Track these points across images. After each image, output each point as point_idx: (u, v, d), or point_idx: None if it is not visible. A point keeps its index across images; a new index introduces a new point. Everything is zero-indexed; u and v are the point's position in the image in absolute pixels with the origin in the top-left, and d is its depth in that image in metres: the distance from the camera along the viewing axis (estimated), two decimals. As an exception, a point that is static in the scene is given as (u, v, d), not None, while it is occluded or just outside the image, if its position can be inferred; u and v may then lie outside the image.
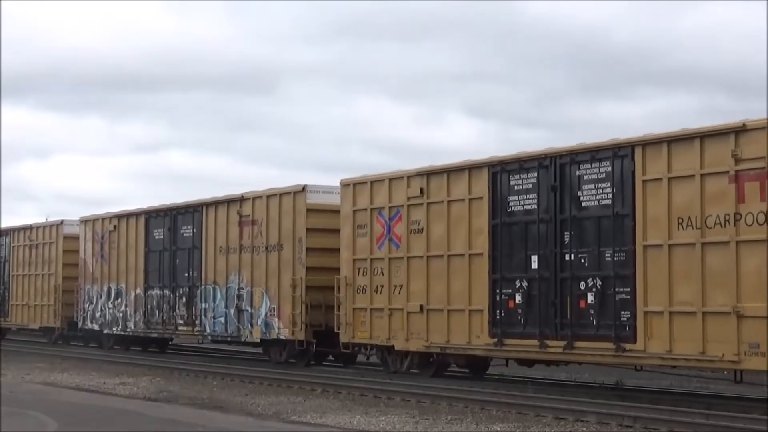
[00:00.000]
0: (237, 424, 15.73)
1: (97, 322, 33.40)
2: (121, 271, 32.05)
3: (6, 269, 39.57)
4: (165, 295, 29.96)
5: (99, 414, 17.08)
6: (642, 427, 15.12)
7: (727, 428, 14.55)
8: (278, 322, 25.54)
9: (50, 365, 27.97)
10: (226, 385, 22.53)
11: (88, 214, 34.41)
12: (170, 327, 29.70)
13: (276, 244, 25.71)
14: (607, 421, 15.60)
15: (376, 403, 18.74)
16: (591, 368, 21.95)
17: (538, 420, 16.11)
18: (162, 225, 30.27)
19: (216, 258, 27.84)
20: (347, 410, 17.43)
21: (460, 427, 15.38)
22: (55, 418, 15.81)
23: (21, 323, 38.55)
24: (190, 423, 15.73)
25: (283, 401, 18.93)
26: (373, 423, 15.81)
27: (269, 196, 26.13)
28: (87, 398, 19.59)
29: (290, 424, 15.71)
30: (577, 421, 15.86)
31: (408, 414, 16.87)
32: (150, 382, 23.20)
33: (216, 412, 17.22)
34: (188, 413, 17.03)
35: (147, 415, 16.67)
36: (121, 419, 16.35)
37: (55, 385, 22.49)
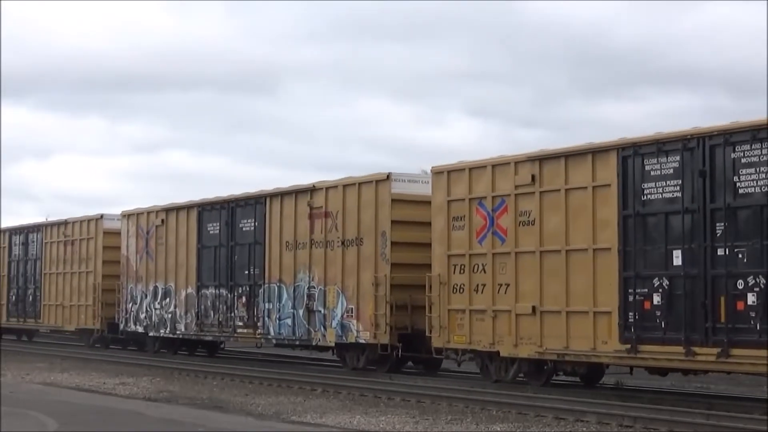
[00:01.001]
0: (237, 424, 15.74)
1: (141, 324, 31.04)
2: (170, 268, 29.70)
3: (37, 267, 37.21)
4: (221, 294, 27.60)
5: (99, 414, 17.07)
6: (642, 427, 15.03)
7: (727, 428, 14.48)
8: (357, 324, 23.19)
9: (50, 365, 27.84)
10: (226, 385, 22.42)
11: (131, 208, 32.09)
12: (227, 329, 27.34)
13: (354, 238, 23.36)
14: (607, 421, 15.57)
15: (376, 403, 18.67)
16: None
17: (538, 420, 16.07)
18: (217, 218, 27.91)
19: (282, 254, 25.48)
20: (347, 410, 17.40)
21: (460, 427, 15.33)
22: (55, 418, 15.77)
23: (54, 325, 36.19)
24: (190, 423, 15.74)
25: (283, 401, 18.86)
26: (373, 423, 15.77)
27: (346, 185, 23.76)
28: (87, 398, 19.52)
29: (290, 424, 15.69)
30: (577, 421, 15.81)
31: (408, 414, 16.85)
32: (150, 382, 23.12)
33: (216, 412, 17.25)
34: (188, 413, 17.06)
35: (147, 415, 16.68)
36: (121, 419, 16.38)
37: (55, 385, 22.40)
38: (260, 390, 21.31)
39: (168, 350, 30.89)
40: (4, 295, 39.37)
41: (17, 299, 38.53)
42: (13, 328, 40.08)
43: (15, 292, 38.69)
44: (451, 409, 17.57)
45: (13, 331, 41.46)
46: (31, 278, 37.58)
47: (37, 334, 42.17)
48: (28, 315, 37.73)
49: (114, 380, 23.36)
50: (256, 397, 19.68)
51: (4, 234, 39.75)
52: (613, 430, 15.20)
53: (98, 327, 33.38)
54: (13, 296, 38.82)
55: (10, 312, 39.02)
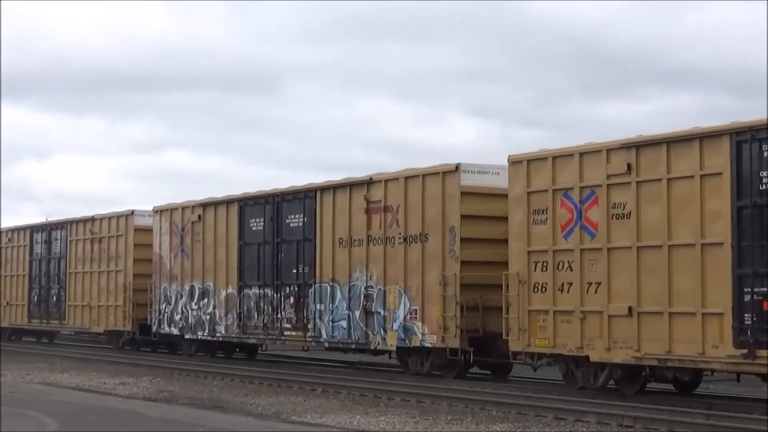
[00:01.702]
0: (237, 424, 15.73)
1: (176, 326, 29.36)
2: (208, 267, 28.02)
3: (62, 266, 35.51)
4: (266, 295, 25.93)
5: (99, 414, 17.07)
6: (642, 427, 15.03)
7: (727, 428, 14.45)
8: (422, 326, 21.52)
9: (50, 365, 27.75)
10: (226, 385, 22.39)
11: (164, 203, 30.39)
12: (273, 332, 25.66)
13: (419, 234, 21.68)
14: (607, 421, 15.56)
15: (376, 403, 18.66)
16: None
17: (538, 420, 16.07)
18: (261, 214, 26.22)
19: (335, 251, 23.82)
20: (347, 410, 17.38)
21: (460, 427, 15.32)
22: (55, 418, 15.75)
23: (80, 326, 34.52)
24: (190, 423, 15.71)
25: (283, 401, 18.86)
26: (373, 423, 15.75)
27: (408, 177, 22.09)
28: (87, 398, 19.51)
29: (290, 424, 15.69)
30: (577, 421, 15.81)
31: (408, 414, 16.83)
32: (150, 382, 23.08)
33: (216, 412, 17.24)
34: (188, 413, 17.05)
35: (147, 415, 16.65)
36: (121, 419, 16.35)
37: (55, 385, 22.39)
38: (260, 390, 21.16)
39: (205, 353, 29.20)
40: (26, 295, 37.68)
41: (39, 300, 36.83)
42: (35, 329, 38.41)
43: (37, 292, 37.00)
44: (451, 409, 17.46)
45: (35, 333, 39.84)
46: (55, 278, 35.88)
47: (58, 336, 40.59)
48: (52, 316, 36.02)
49: (114, 380, 23.20)
50: (256, 397, 19.53)
51: (24, 232, 38.07)
52: (613, 430, 15.08)
53: (129, 329, 31.68)
54: (35, 296, 37.13)
55: (32, 313, 37.33)
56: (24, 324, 37.96)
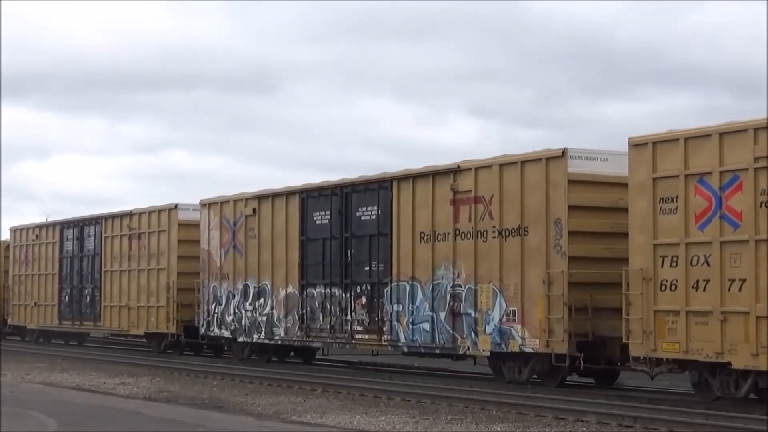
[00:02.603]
0: (237, 424, 15.74)
1: (227, 328, 27.20)
2: (265, 265, 25.87)
3: (96, 264, 33.35)
4: (333, 294, 23.78)
5: (99, 414, 17.08)
6: (642, 427, 15.01)
7: (727, 428, 14.44)
8: (522, 330, 19.37)
9: (50, 365, 27.67)
10: (226, 385, 22.38)
11: (213, 196, 28.24)
12: (342, 335, 23.50)
13: (517, 227, 19.55)
14: (607, 421, 15.52)
15: (376, 403, 18.64)
16: None
17: (538, 420, 16.05)
18: (327, 206, 24.08)
19: (415, 247, 21.67)
20: (347, 410, 17.37)
21: (460, 427, 15.35)
22: (55, 418, 15.74)
23: (117, 328, 32.34)
24: (190, 423, 15.73)
25: (283, 401, 18.88)
26: (373, 423, 15.76)
27: (504, 165, 19.95)
28: (87, 398, 19.53)
29: (290, 424, 15.70)
30: (577, 421, 15.77)
31: (408, 414, 16.81)
32: (150, 382, 23.07)
33: (216, 412, 17.23)
34: (188, 413, 17.03)
35: (147, 415, 16.65)
36: (121, 419, 16.37)
37: (55, 385, 22.35)
38: (260, 390, 21.18)
39: (260, 357, 27.02)
40: (55, 295, 35.51)
41: (71, 300, 34.65)
42: (66, 331, 36.25)
43: (68, 292, 34.82)
44: (451, 409, 17.44)
45: (64, 336, 37.69)
46: (88, 276, 33.71)
47: (88, 338, 38.47)
48: (85, 317, 33.84)
49: (114, 380, 23.21)
50: (256, 397, 19.57)
51: (54, 228, 35.91)
52: (613, 430, 15.09)
53: (174, 331, 29.51)
54: (66, 297, 34.95)
55: (63, 314, 35.14)
56: (54, 326, 35.79)
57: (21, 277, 37.89)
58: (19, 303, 38.07)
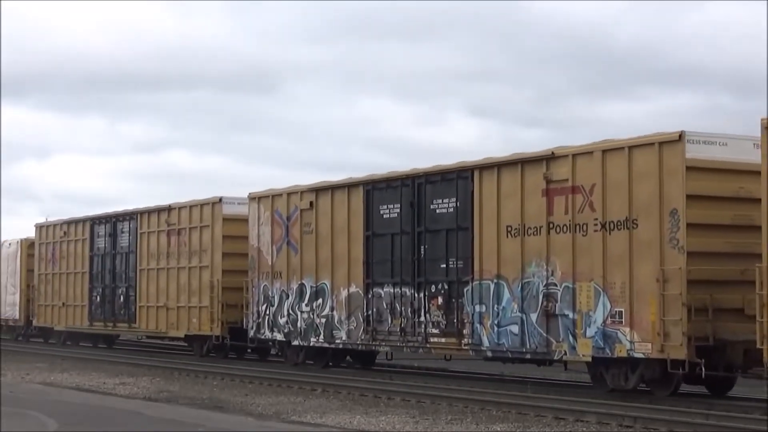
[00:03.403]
0: (237, 424, 15.72)
1: (281, 330, 25.31)
2: (323, 262, 23.99)
3: (130, 262, 31.47)
4: (403, 294, 21.90)
5: (99, 414, 17.08)
6: (642, 427, 14.96)
7: (727, 428, 14.37)
8: (630, 333, 17.49)
9: (50, 365, 27.59)
10: (226, 385, 22.34)
11: (263, 189, 26.36)
12: (415, 338, 21.63)
13: (624, 219, 17.67)
14: (607, 421, 15.48)
15: (376, 403, 18.59)
16: None
17: (538, 420, 16.00)
18: (395, 198, 22.21)
19: (501, 242, 19.81)
20: (347, 410, 17.34)
21: (460, 427, 15.33)
22: (55, 418, 15.74)
23: (154, 330, 30.47)
24: (190, 423, 15.71)
25: (283, 401, 18.86)
26: (373, 423, 15.74)
27: (607, 150, 18.07)
28: (87, 398, 19.51)
29: (290, 424, 15.69)
30: (577, 421, 15.73)
31: (408, 414, 16.77)
32: (150, 382, 23.02)
33: (216, 412, 17.21)
34: (188, 413, 17.01)
35: (147, 415, 16.63)
36: (121, 419, 16.36)
37: (55, 385, 22.33)
38: (260, 390, 21.17)
39: (316, 362, 25.14)
40: (86, 295, 33.63)
41: (103, 300, 32.77)
42: (98, 333, 34.38)
43: (100, 291, 32.94)
44: (451, 409, 17.42)
45: (94, 338, 35.81)
46: (122, 275, 31.82)
47: (118, 341, 36.63)
48: (119, 318, 31.96)
49: (114, 380, 23.18)
50: (256, 397, 19.57)
51: (83, 224, 34.03)
52: (613, 430, 15.08)
53: (218, 333, 27.62)
54: (98, 297, 33.08)
55: (94, 315, 33.26)
56: (84, 327, 33.91)
57: (47, 276, 36.02)
58: (45, 303, 36.21)
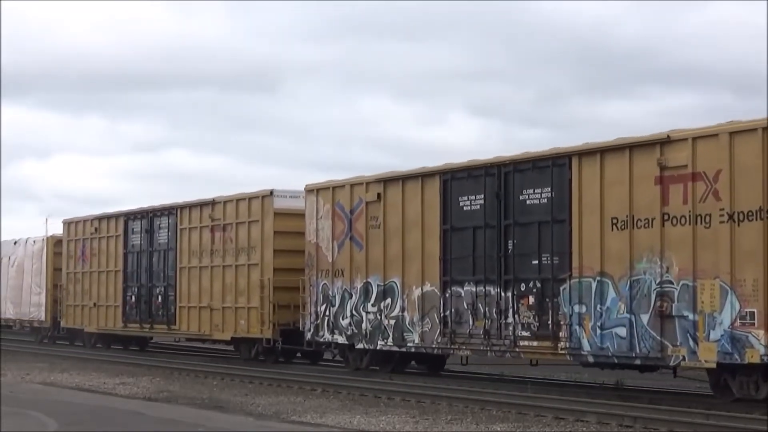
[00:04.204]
0: (237, 424, 15.71)
1: (342, 333, 23.44)
2: (393, 259, 22.14)
3: (169, 260, 29.61)
4: (488, 293, 20.05)
5: (99, 414, 17.11)
6: (642, 427, 14.97)
7: (727, 428, 14.39)
8: (764, 336, 15.63)
9: (50, 365, 27.55)
10: (226, 385, 22.33)
11: (320, 181, 24.51)
12: (501, 342, 19.76)
13: (756, 209, 15.81)
14: (607, 421, 15.49)
15: (376, 403, 18.61)
16: (591, 368, 20.30)
17: (538, 420, 15.99)
18: (478, 189, 20.37)
19: (604, 235, 17.96)
20: (347, 410, 17.36)
21: (460, 427, 15.34)
22: (55, 418, 15.75)
23: (197, 332, 28.59)
24: (190, 423, 15.69)
25: (283, 401, 18.88)
26: (373, 423, 15.74)
27: (736, 132, 16.18)
28: (87, 398, 19.54)
29: (290, 424, 15.69)
30: (577, 421, 15.73)
31: (408, 414, 16.78)
32: (150, 382, 23.00)
33: (216, 412, 17.22)
34: (188, 413, 17.03)
35: (147, 415, 16.66)
36: (121, 419, 16.38)
37: (55, 385, 22.33)
38: (260, 390, 21.19)
39: (381, 367, 23.29)
40: (119, 295, 31.75)
41: (138, 300, 30.90)
42: (133, 336, 32.51)
43: (135, 291, 31.08)
44: (451, 409, 17.43)
45: (124, 340, 33.95)
46: (160, 274, 29.95)
47: (150, 343, 34.76)
48: (157, 320, 30.07)
49: (114, 380, 23.19)
50: (256, 397, 19.58)
51: (116, 220, 32.17)
52: (613, 430, 15.09)
53: (269, 335, 25.74)
54: (132, 297, 31.21)
55: (128, 316, 31.38)
56: (118, 329, 32.02)
57: (76, 275, 34.14)
58: (74, 303, 34.33)
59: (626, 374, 20.26)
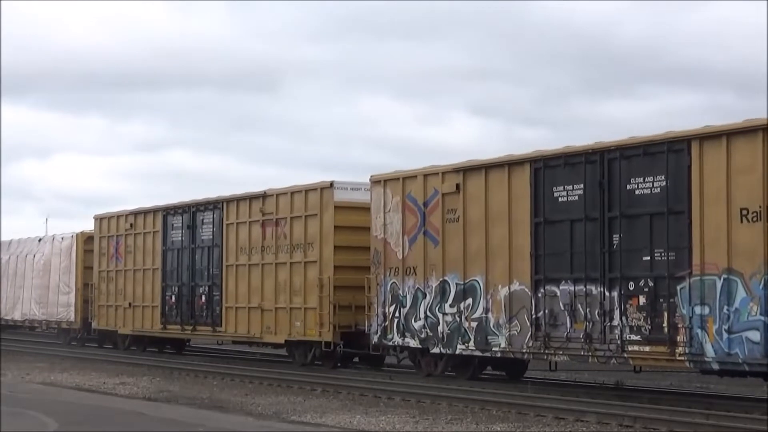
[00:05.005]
0: (237, 424, 15.67)
1: (415, 336, 21.55)
2: (474, 255, 20.28)
3: (213, 257, 27.72)
4: (589, 293, 18.17)
5: (99, 414, 17.10)
6: (642, 427, 14.91)
7: (727, 428, 14.33)
8: None
9: (50, 365, 27.42)
10: (226, 385, 22.30)
11: (388, 171, 22.62)
12: (605, 346, 17.87)
13: None
14: (607, 421, 15.43)
15: (376, 403, 18.55)
16: (591, 368, 20.57)
17: (538, 420, 15.95)
18: (576, 178, 18.51)
19: (732, 228, 16.12)
20: (347, 410, 17.31)
21: (460, 427, 15.28)
22: (55, 418, 15.72)
23: (245, 335, 26.67)
24: (190, 423, 15.66)
25: (283, 401, 18.82)
26: (373, 423, 15.70)
27: None
28: (87, 398, 19.50)
29: (290, 424, 15.66)
30: (577, 421, 15.66)
31: (408, 414, 16.74)
32: (150, 382, 22.96)
33: (216, 412, 17.17)
34: (188, 413, 17.00)
35: (147, 415, 16.65)
36: (121, 419, 16.40)
37: (55, 385, 22.29)
38: (260, 390, 21.16)
39: (458, 373, 21.41)
40: (158, 295, 29.87)
41: (179, 300, 29.00)
42: (174, 338, 30.63)
43: (176, 291, 29.18)
44: (451, 409, 17.40)
45: (158, 342, 32.07)
46: (204, 272, 28.05)
47: (186, 344, 32.86)
48: (200, 321, 28.16)
49: (114, 380, 23.14)
50: (256, 397, 19.54)
51: (155, 215, 30.27)
52: (613, 429, 15.03)
53: (329, 339, 23.83)
54: (173, 296, 29.31)
55: (168, 317, 29.49)
56: (157, 331, 30.11)
57: (110, 274, 32.25)
58: (106, 304, 32.42)
59: (626, 374, 20.28)
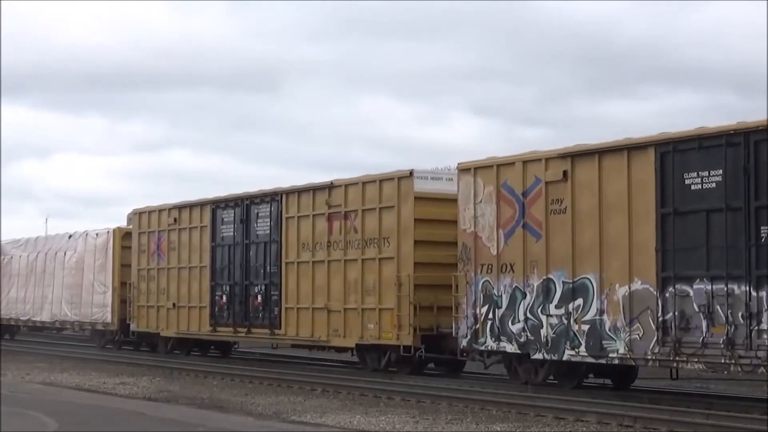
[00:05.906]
0: (237, 424, 15.65)
1: (513, 340, 19.43)
2: (586, 250, 18.18)
3: (271, 254, 25.63)
4: (730, 293, 16.05)
5: (99, 414, 17.07)
6: (642, 427, 14.94)
7: (727, 428, 14.36)
8: None
9: (50, 365, 27.50)
10: (226, 385, 22.30)
11: (482, 158, 20.52)
12: (753, 353, 15.74)
13: None
14: (607, 421, 15.46)
15: (376, 403, 18.57)
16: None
17: (538, 420, 15.96)
18: (714, 163, 16.39)
19: None
20: (347, 410, 17.32)
21: (460, 427, 15.28)
22: (55, 418, 15.71)
23: (309, 338, 24.54)
24: (190, 423, 15.66)
25: (283, 401, 18.84)
26: (373, 423, 15.69)
27: None
28: (87, 398, 19.48)
29: (290, 424, 15.68)
30: (577, 421, 15.69)
31: (408, 414, 16.75)
32: (150, 382, 22.97)
33: (216, 412, 17.17)
34: (188, 413, 17.02)
35: (147, 415, 16.64)
36: (121, 419, 16.40)
37: (55, 385, 22.29)
38: (260, 390, 21.21)
39: (563, 382, 19.33)
40: (206, 294, 27.76)
41: (231, 301, 26.88)
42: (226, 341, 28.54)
43: (227, 290, 27.05)
44: (451, 409, 17.39)
45: (202, 345, 30.00)
46: (260, 270, 25.93)
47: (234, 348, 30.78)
48: (255, 323, 26.02)
49: (114, 380, 23.19)
50: (256, 397, 19.56)
51: (202, 208, 28.18)
52: (613, 430, 14.98)
53: (408, 343, 21.71)
54: (223, 296, 27.18)
55: (218, 319, 27.38)
56: (205, 333, 27.99)
57: (150, 272, 30.14)
58: (147, 304, 30.32)
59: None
